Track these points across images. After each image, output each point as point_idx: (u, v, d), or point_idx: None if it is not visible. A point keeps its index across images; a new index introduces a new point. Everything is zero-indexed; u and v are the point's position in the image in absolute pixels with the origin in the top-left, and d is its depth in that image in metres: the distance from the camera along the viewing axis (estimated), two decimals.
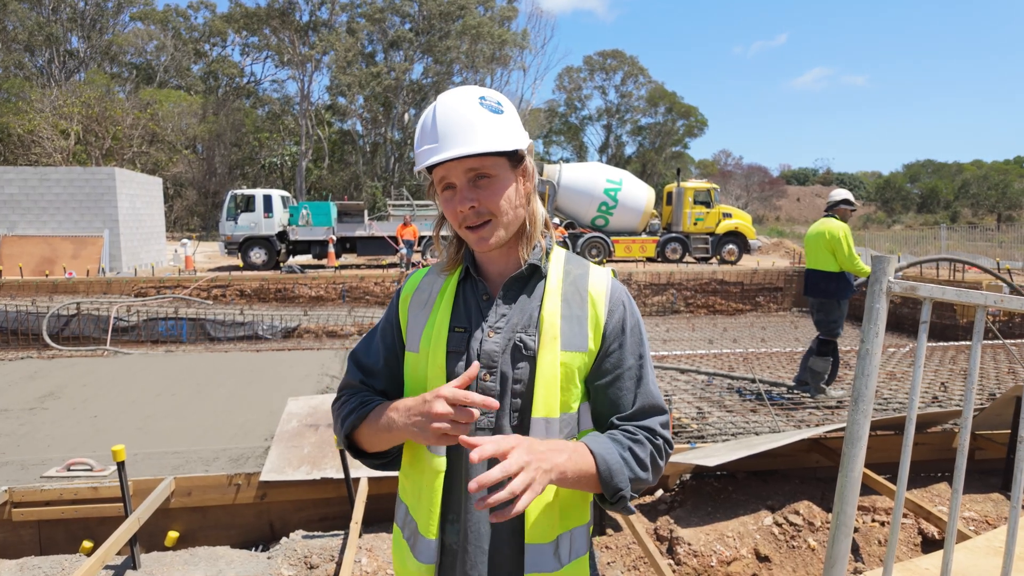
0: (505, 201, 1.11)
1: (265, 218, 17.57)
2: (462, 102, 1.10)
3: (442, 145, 1.07)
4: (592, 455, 1.06)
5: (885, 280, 1.49)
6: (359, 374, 1.26)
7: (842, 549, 1.53)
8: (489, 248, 1.13)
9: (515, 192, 1.13)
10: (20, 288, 12.82)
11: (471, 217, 1.10)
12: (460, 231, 1.14)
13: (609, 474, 1.05)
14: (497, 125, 1.10)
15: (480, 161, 1.08)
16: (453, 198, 1.11)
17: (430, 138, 1.10)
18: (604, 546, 3.42)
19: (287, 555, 3.17)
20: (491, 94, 1.13)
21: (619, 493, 1.07)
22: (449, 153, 1.06)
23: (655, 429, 1.14)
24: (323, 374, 6.64)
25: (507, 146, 1.09)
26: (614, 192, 18.63)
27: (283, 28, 37.14)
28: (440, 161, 1.07)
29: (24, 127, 27.92)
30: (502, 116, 1.11)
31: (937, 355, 8.04)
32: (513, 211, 1.12)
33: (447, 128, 1.08)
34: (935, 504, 3.76)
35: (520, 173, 1.14)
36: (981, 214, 52.33)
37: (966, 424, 1.40)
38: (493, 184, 1.10)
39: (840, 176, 62.66)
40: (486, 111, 1.10)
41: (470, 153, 1.06)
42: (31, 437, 4.52)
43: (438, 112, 1.10)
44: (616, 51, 47.95)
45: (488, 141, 1.07)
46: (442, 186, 1.12)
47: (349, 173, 41.64)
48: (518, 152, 1.13)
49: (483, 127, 1.08)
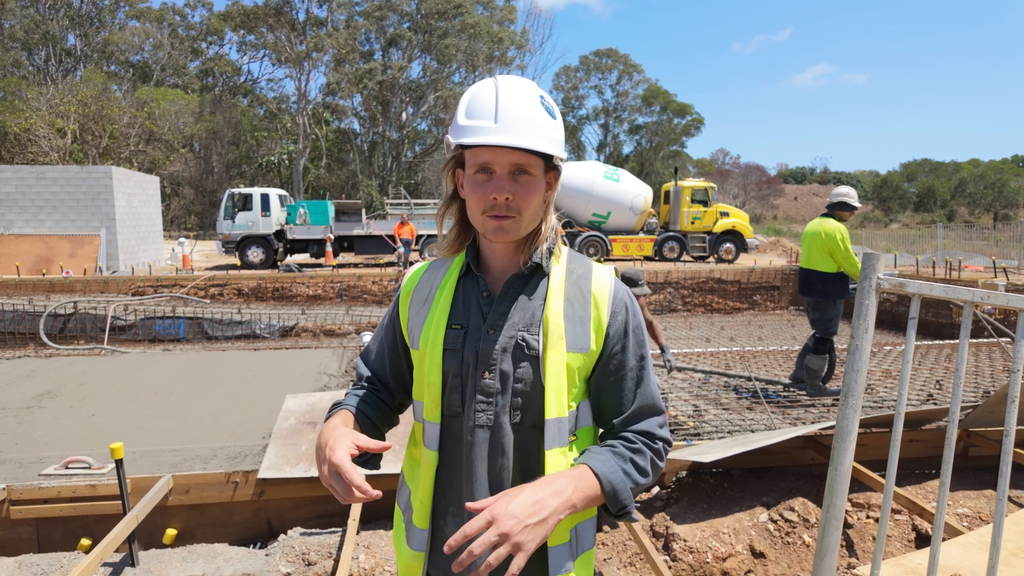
0: (534, 204, 1.12)
1: (263, 217, 17.55)
2: (527, 95, 1.10)
3: (501, 129, 1.06)
4: (596, 477, 1.06)
5: (874, 276, 1.51)
6: (365, 370, 1.31)
7: (832, 541, 1.56)
8: (504, 241, 1.13)
9: (541, 196, 1.13)
10: (17, 287, 12.80)
11: (502, 207, 1.09)
12: (479, 216, 1.11)
13: (614, 493, 1.07)
14: (552, 128, 1.11)
15: (528, 158, 1.08)
16: (487, 183, 1.09)
17: (485, 116, 1.07)
18: (601, 542, 3.44)
19: (285, 552, 3.19)
20: (548, 98, 1.15)
21: (624, 509, 1.09)
22: (513, 141, 1.05)
23: (653, 432, 1.15)
24: (321, 372, 6.66)
25: (557, 152, 1.10)
26: (611, 191, 18.64)
27: (279, 25, 37.06)
28: (497, 144, 1.05)
29: (20, 125, 27.83)
30: (556, 122, 1.13)
31: (933, 353, 8.07)
32: (536, 215, 1.14)
33: (510, 115, 1.07)
34: (929, 501, 3.79)
35: (550, 180, 1.15)
36: (978, 213, 52.46)
37: (953, 419, 1.42)
38: (531, 183, 1.10)
39: (837, 175, 62.75)
40: (545, 111, 1.11)
41: (530, 148, 1.06)
42: (29, 435, 4.53)
43: (501, 95, 1.08)
44: (611, 50, 47.95)
45: (545, 142, 1.08)
46: (477, 167, 1.10)
47: (347, 172, 41.59)
48: (554, 159, 1.14)
49: (544, 126, 1.09)
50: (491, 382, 1.12)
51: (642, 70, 48.38)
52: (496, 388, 1.12)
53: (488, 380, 1.12)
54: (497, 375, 1.12)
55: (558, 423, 1.10)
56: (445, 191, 1.21)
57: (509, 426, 1.12)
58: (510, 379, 1.12)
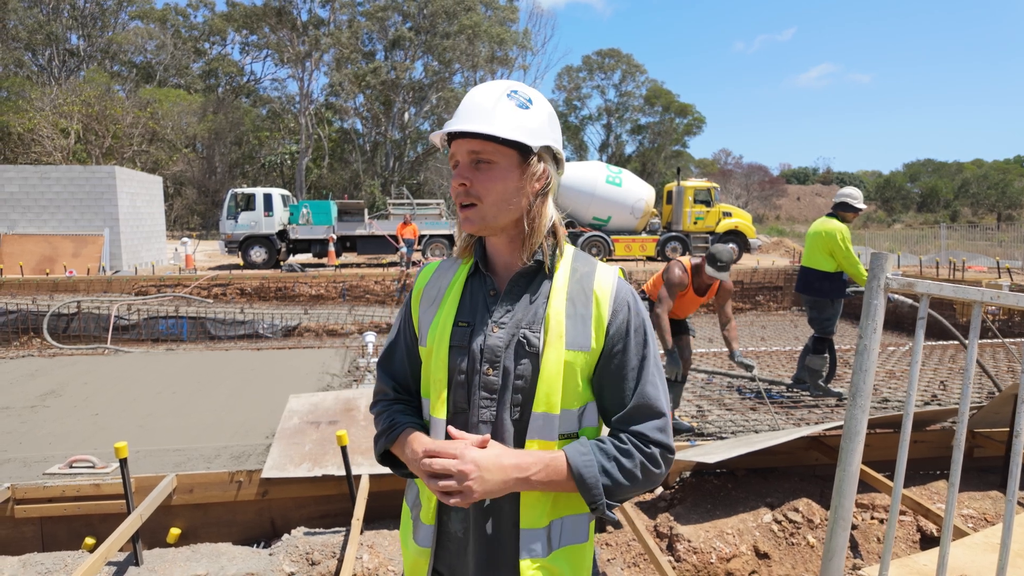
0: (496, 192, 1.12)
1: (265, 217, 17.58)
2: (491, 90, 1.14)
3: (456, 119, 1.12)
4: (568, 466, 1.08)
5: (883, 277, 1.51)
6: (390, 380, 1.30)
7: (840, 542, 1.55)
8: (472, 231, 1.17)
9: (513, 187, 1.13)
10: (21, 287, 12.83)
11: (462, 195, 1.14)
12: (458, 209, 1.18)
13: (582, 482, 1.08)
14: (515, 118, 1.11)
15: (483, 145, 1.11)
16: (455, 174, 1.15)
17: (455, 115, 1.14)
18: (604, 543, 3.43)
19: (289, 552, 3.19)
20: (526, 91, 1.16)
21: (594, 503, 1.09)
22: (459, 126, 1.10)
23: (647, 435, 1.12)
24: (324, 372, 6.66)
25: (513, 136, 1.09)
26: (613, 194, 18.63)
27: (281, 26, 37.11)
28: (450, 132, 1.12)
29: (24, 126, 27.91)
30: (526, 112, 1.13)
31: (937, 354, 8.05)
32: (504, 204, 1.13)
33: (467, 108, 1.13)
34: (934, 502, 3.78)
35: (527, 171, 1.14)
36: (981, 213, 52.34)
37: (963, 419, 1.41)
38: (491, 171, 1.12)
39: (840, 175, 62.63)
40: (511, 103, 1.12)
41: (471, 131, 1.09)
42: (33, 435, 4.53)
43: (470, 93, 1.15)
44: (613, 50, 47.95)
45: (495, 127, 1.09)
46: (452, 162, 1.17)
47: (349, 172, 41.63)
48: (529, 149, 1.13)
49: (499, 115, 1.11)
50: (494, 379, 1.14)
51: (645, 70, 48.40)
52: (498, 384, 1.14)
53: (491, 377, 1.14)
54: (500, 372, 1.14)
55: (544, 418, 1.11)
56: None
57: (510, 422, 1.14)
58: (511, 376, 1.13)
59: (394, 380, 1.30)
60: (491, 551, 1.16)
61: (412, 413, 1.26)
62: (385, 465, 1.28)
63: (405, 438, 1.18)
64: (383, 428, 1.25)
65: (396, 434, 1.21)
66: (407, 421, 1.23)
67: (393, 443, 1.22)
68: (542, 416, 1.11)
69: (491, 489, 1.06)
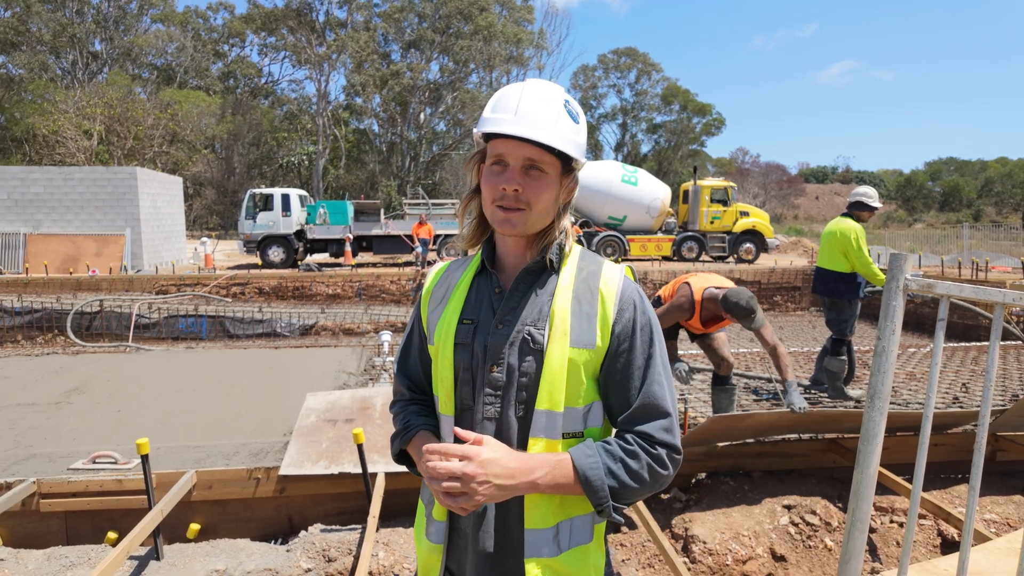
0: (545, 200, 1.14)
1: (283, 217, 17.75)
2: (551, 96, 1.15)
3: (519, 121, 1.10)
4: (574, 467, 1.08)
5: (902, 277, 1.49)
6: (405, 380, 1.34)
7: (857, 545, 1.54)
8: (511, 233, 1.16)
9: (555, 196, 1.16)
10: (45, 285, 13.10)
11: (510, 199, 1.12)
12: (490, 207, 1.16)
13: (588, 484, 1.08)
14: (571, 130, 1.15)
15: (542, 154, 1.12)
16: (501, 174, 1.13)
17: (508, 110, 1.12)
18: (619, 543, 3.43)
19: (305, 548, 3.23)
20: (574, 103, 1.19)
21: (600, 506, 1.09)
22: (525, 131, 1.09)
23: (652, 436, 1.12)
24: (340, 371, 6.72)
25: (572, 152, 1.14)
26: (629, 194, 18.55)
27: (300, 27, 37.46)
28: (511, 134, 1.09)
29: (49, 128, 28.47)
30: (577, 126, 1.17)
31: (959, 356, 7.92)
32: (546, 213, 1.16)
33: (530, 110, 1.12)
34: (955, 506, 3.72)
35: (565, 182, 1.18)
36: (1005, 212, 51.31)
37: (983, 422, 1.39)
38: (542, 179, 1.14)
39: (860, 174, 61.81)
40: (567, 114, 1.15)
41: (542, 142, 1.09)
42: (57, 430, 4.63)
43: (526, 92, 1.14)
44: (629, 48, 47.75)
45: (559, 140, 1.11)
46: (494, 159, 1.15)
47: (366, 172, 41.92)
48: (572, 162, 1.17)
49: (561, 125, 1.13)
50: (498, 376, 1.14)
51: (661, 69, 48.13)
52: (503, 381, 1.14)
53: (495, 374, 1.15)
54: (504, 369, 1.14)
55: (547, 415, 1.12)
56: (468, 185, 1.25)
57: (514, 419, 1.14)
58: (515, 373, 1.14)
59: (409, 380, 1.33)
60: (498, 549, 1.17)
61: (428, 413, 1.29)
62: (401, 464, 1.31)
63: (418, 439, 1.22)
64: (399, 429, 1.28)
65: (411, 435, 1.24)
66: (421, 423, 1.25)
67: (408, 444, 1.25)
68: (545, 413, 1.12)
69: (497, 496, 1.05)
